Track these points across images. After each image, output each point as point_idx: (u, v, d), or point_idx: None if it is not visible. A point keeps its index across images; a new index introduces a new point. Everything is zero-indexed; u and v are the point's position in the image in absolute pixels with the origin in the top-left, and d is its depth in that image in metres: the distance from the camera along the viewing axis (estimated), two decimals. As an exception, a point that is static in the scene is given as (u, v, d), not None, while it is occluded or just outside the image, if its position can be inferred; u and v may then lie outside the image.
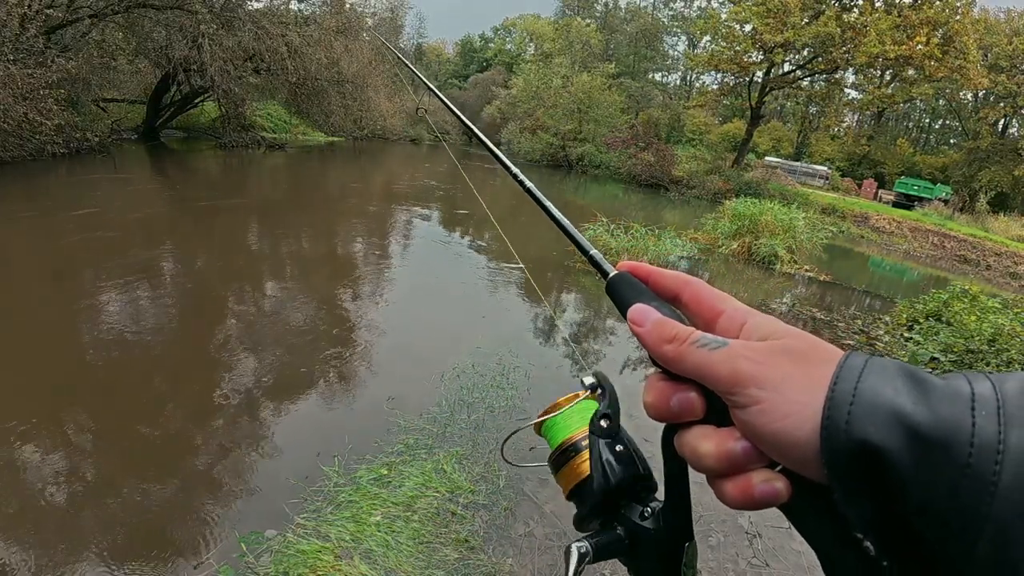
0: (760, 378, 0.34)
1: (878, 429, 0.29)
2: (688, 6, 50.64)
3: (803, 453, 0.32)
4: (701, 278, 0.44)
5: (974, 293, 7.76)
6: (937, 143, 49.98)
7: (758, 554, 3.02)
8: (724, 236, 12.08)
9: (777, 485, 0.34)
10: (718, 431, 0.37)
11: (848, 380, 0.32)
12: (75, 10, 14.13)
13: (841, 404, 0.31)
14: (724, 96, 33.26)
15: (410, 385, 4.39)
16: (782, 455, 0.34)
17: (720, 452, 0.36)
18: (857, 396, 0.31)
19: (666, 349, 0.39)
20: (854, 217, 24.10)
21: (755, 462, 0.35)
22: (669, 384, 0.39)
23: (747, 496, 0.35)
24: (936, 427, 0.29)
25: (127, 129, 18.14)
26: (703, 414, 0.38)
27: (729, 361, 0.35)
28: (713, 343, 0.37)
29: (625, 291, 0.45)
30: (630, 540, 0.46)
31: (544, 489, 3.28)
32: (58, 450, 3.21)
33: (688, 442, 0.38)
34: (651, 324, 0.40)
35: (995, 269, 19.26)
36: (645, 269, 0.46)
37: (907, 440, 0.29)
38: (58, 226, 7.46)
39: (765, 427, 0.33)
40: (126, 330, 4.82)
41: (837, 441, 0.30)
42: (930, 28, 23.53)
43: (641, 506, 0.46)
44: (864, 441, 0.29)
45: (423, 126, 38.87)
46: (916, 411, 0.29)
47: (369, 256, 8.57)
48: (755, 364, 0.35)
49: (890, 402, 0.30)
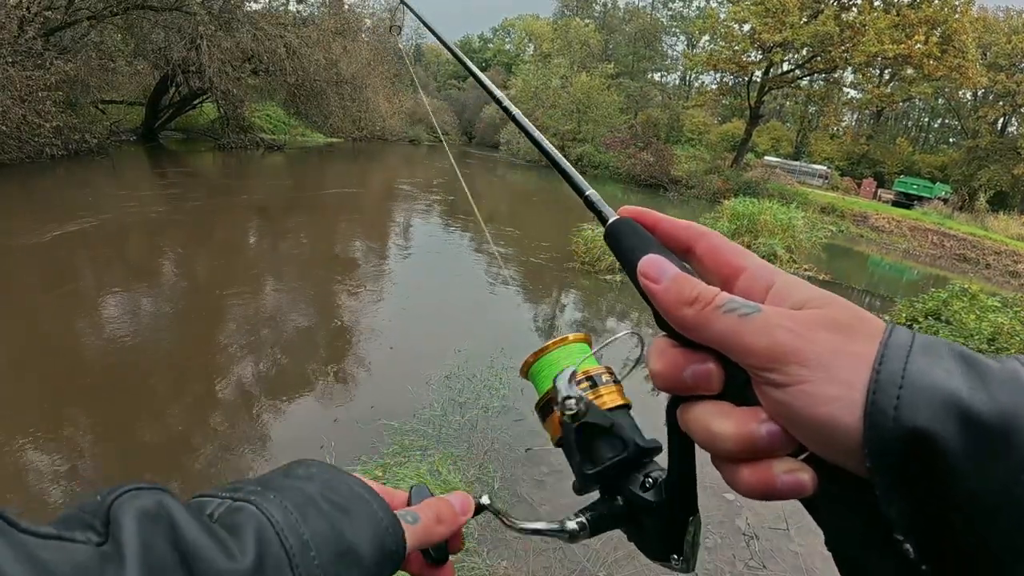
0: (803, 353, 0.29)
1: (931, 416, 0.26)
2: (687, 6, 50.61)
3: (847, 442, 0.28)
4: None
5: (973, 292, 7.73)
6: (936, 142, 49.94)
7: (755, 555, 3.00)
8: (723, 235, 12.04)
9: (802, 476, 0.30)
10: (739, 410, 0.32)
11: (895, 360, 0.28)
12: (74, 12, 14.12)
13: (889, 387, 0.27)
14: (723, 96, 33.28)
15: (404, 386, 4.37)
16: (821, 443, 0.29)
17: (741, 435, 0.31)
18: (907, 378, 0.27)
19: (686, 313, 0.33)
20: (853, 216, 24.06)
21: (781, 449, 0.30)
22: (682, 352, 0.34)
23: (767, 487, 0.30)
24: (996, 414, 0.25)
25: (126, 131, 18.12)
26: (720, 389, 0.33)
27: (766, 331, 0.30)
28: (744, 307, 0.31)
29: (629, 240, 0.39)
30: (630, 511, 0.43)
31: (539, 491, 3.26)
32: (57, 452, 3.20)
33: (699, 419, 0.33)
34: (668, 280, 0.34)
35: (994, 268, 19.24)
36: (652, 216, 0.40)
37: (963, 429, 0.26)
38: (56, 228, 7.44)
39: (806, 410, 0.29)
40: (124, 332, 4.81)
41: (884, 429, 0.27)
42: (929, 27, 23.50)
43: (642, 475, 0.42)
44: (915, 428, 0.26)
45: (422, 127, 38.88)
46: (973, 396, 0.26)
47: (365, 257, 8.56)
48: (797, 336, 0.30)
49: (943, 385, 0.27)
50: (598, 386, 0.46)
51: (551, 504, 3.15)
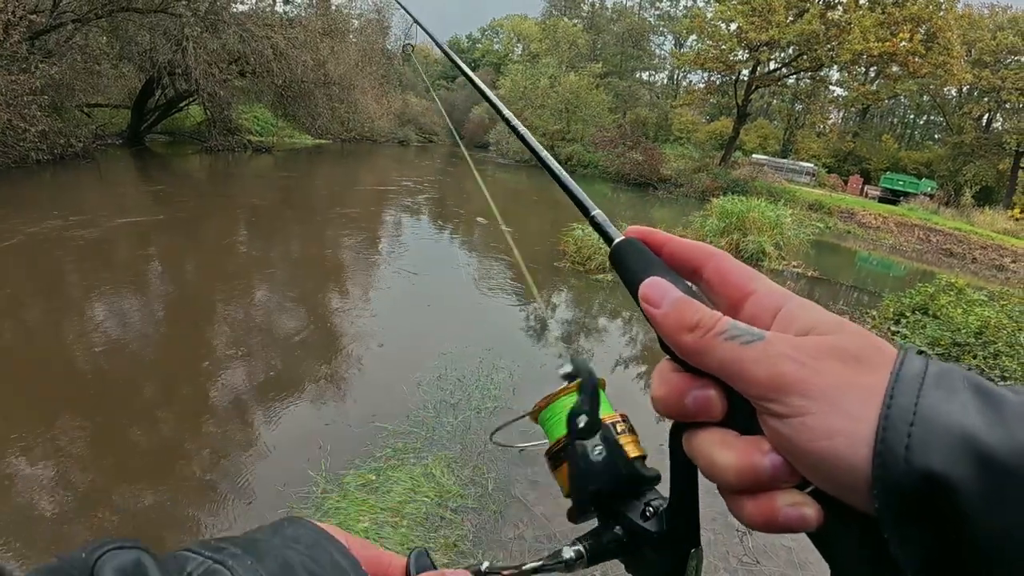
0: (807, 384, 0.28)
1: (946, 457, 0.24)
2: (674, 6, 50.78)
3: (851, 479, 0.26)
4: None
5: (960, 286, 7.83)
6: (922, 139, 50.46)
7: (749, 552, 3.02)
8: (712, 234, 12.12)
9: (807, 511, 0.29)
10: (742, 440, 0.31)
11: (907, 394, 0.26)
12: (58, 15, 13.96)
13: (899, 424, 0.25)
14: (711, 95, 33.48)
15: (396, 388, 4.36)
16: (825, 479, 0.28)
17: (744, 466, 0.30)
18: (919, 414, 0.25)
19: (686, 339, 0.32)
20: (840, 213, 24.26)
21: (785, 481, 0.29)
22: (685, 378, 0.33)
23: (769, 520, 0.29)
24: (1014, 455, 0.24)
25: (112, 134, 17.96)
26: (722, 416, 0.32)
27: (767, 360, 0.29)
28: (747, 335, 0.30)
29: (634, 261, 0.38)
30: (630, 541, 0.41)
31: (533, 491, 3.26)
32: (48, 459, 3.17)
33: (702, 447, 0.32)
34: (669, 305, 0.33)
35: (980, 262, 19.45)
36: (660, 236, 0.38)
37: (979, 471, 0.24)
38: (43, 234, 7.36)
39: (808, 444, 0.27)
40: (113, 339, 4.77)
41: (894, 470, 0.25)
42: (913, 25, 23.75)
43: (642, 503, 0.41)
44: (927, 471, 0.24)
45: (411, 128, 38.80)
46: (990, 434, 0.24)
47: (354, 259, 8.53)
48: (800, 366, 0.28)
49: (959, 423, 0.25)
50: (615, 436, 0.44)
51: (544, 505, 3.16)
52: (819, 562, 0.32)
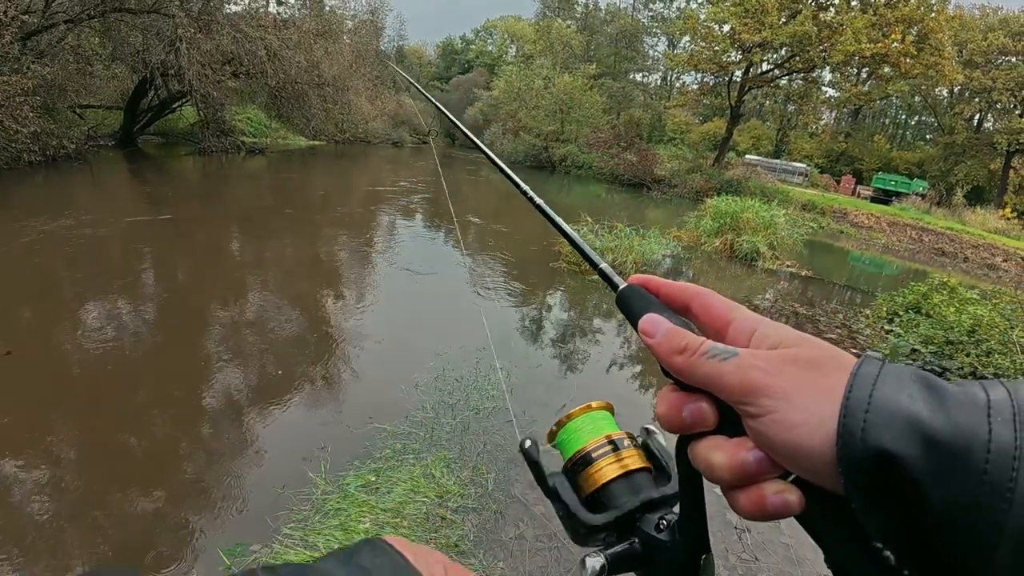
0: (771, 387, 0.34)
1: (894, 437, 0.29)
2: (667, 7, 50.95)
3: (817, 463, 0.32)
4: (685, 275, 0.43)
5: (952, 285, 7.88)
6: (913, 139, 50.77)
7: (747, 548, 3.04)
8: (706, 234, 12.17)
9: (789, 497, 0.34)
10: (730, 441, 0.36)
11: (863, 388, 0.31)
12: (51, 16, 13.89)
13: (856, 412, 0.31)
14: (704, 95, 33.50)
15: (394, 389, 4.35)
16: (796, 465, 0.33)
17: (732, 463, 0.35)
18: (872, 404, 0.31)
19: (677, 360, 0.38)
20: (833, 213, 24.41)
21: (769, 472, 0.35)
22: (681, 395, 0.39)
23: (759, 507, 0.35)
24: (953, 434, 0.28)
25: (104, 135, 17.86)
26: (715, 424, 0.38)
27: (739, 371, 0.35)
28: (723, 353, 0.37)
29: (635, 303, 0.45)
30: (645, 553, 0.45)
31: (533, 491, 3.27)
32: (41, 463, 3.14)
33: (701, 453, 0.38)
34: (662, 335, 0.40)
35: (972, 261, 19.62)
36: (656, 282, 0.46)
37: (924, 448, 0.29)
38: (35, 237, 7.32)
39: (777, 436, 0.33)
40: (106, 342, 4.75)
41: (853, 449, 0.30)
42: (905, 26, 23.89)
43: (656, 517, 0.46)
44: (880, 449, 0.29)
45: (405, 128, 38.72)
46: (933, 418, 0.29)
47: (348, 261, 8.52)
48: (765, 373, 0.34)
49: (906, 409, 0.30)
50: (620, 450, 0.49)
51: (545, 504, 3.16)
52: (815, 560, 0.35)
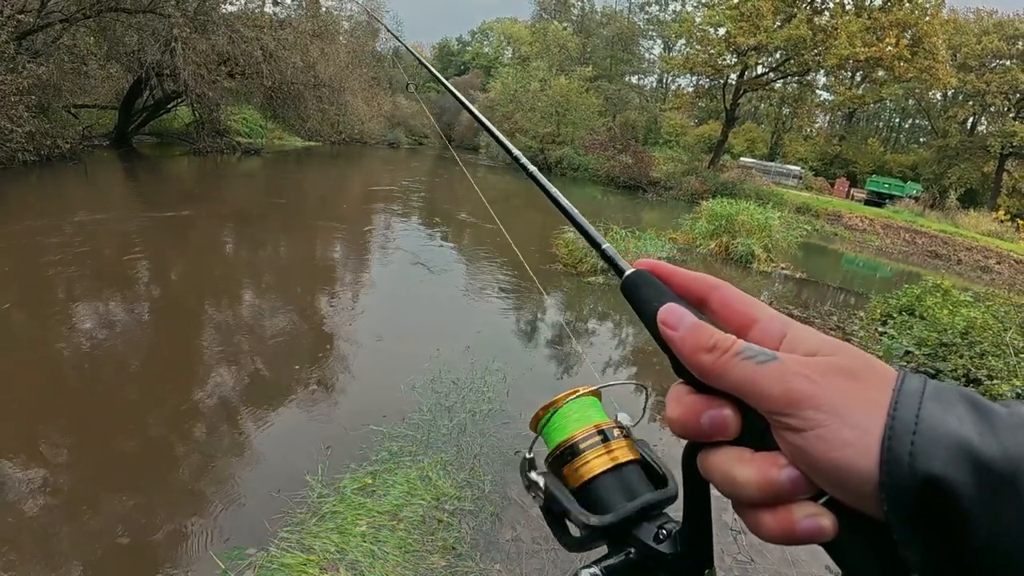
0: (819, 399, 0.30)
1: (945, 463, 0.27)
2: (663, 10, 50.99)
3: (864, 486, 0.29)
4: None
5: (946, 287, 7.93)
6: (907, 142, 51.02)
7: (743, 550, 3.04)
8: (702, 236, 12.20)
9: (823, 522, 0.31)
10: (759, 456, 0.33)
11: (908, 407, 0.29)
12: (46, 15, 13.83)
13: (903, 434, 0.28)
14: (699, 98, 33.69)
15: (390, 391, 4.34)
16: (839, 487, 0.30)
17: (763, 480, 0.31)
18: (920, 426, 0.28)
19: (704, 359, 0.34)
20: (827, 215, 24.50)
21: (802, 493, 0.31)
22: (699, 398, 0.35)
23: (787, 531, 0.31)
24: (1005, 461, 0.26)
25: (99, 135, 17.79)
26: (737, 434, 0.34)
27: (782, 378, 0.31)
28: (761, 355, 0.33)
29: (646, 291, 0.40)
30: (643, 565, 0.41)
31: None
32: (34, 466, 3.12)
33: (719, 466, 0.34)
34: (686, 329, 0.35)
35: (966, 263, 19.73)
36: (667, 268, 0.41)
37: (975, 475, 0.26)
38: (28, 237, 7.28)
39: (824, 455, 0.29)
40: (100, 343, 4.72)
41: (899, 475, 0.27)
42: (899, 30, 24.06)
43: (654, 526, 0.42)
44: (929, 475, 0.27)
45: (402, 129, 38.69)
46: (983, 443, 0.27)
47: (344, 262, 8.51)
48: (812, 382, 0.31)
49: (955, 433, 0.27)
50: (609, 440, 0.45)
51: (541, 506, 3.16)
52: (811, 560, 0.34)
